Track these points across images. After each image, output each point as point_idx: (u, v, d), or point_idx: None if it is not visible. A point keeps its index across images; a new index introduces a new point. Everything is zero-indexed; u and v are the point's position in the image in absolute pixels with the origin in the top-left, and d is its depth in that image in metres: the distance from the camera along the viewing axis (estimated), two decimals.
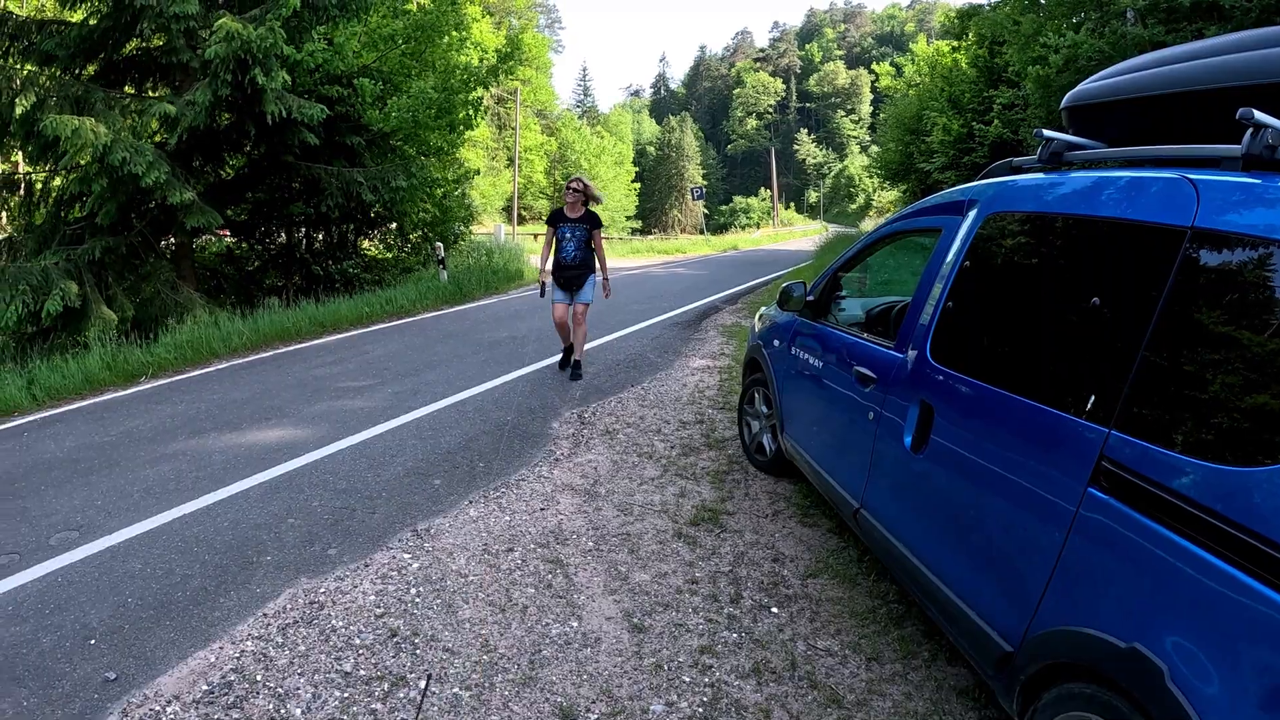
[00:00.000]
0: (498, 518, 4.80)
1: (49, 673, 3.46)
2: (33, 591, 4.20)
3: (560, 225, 7.79)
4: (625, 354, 9.16)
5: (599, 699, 3.10)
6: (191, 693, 3.23)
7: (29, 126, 12.01)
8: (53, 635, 3.75)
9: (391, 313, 13.58)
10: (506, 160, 50.50)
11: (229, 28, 11.56)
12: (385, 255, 18.65)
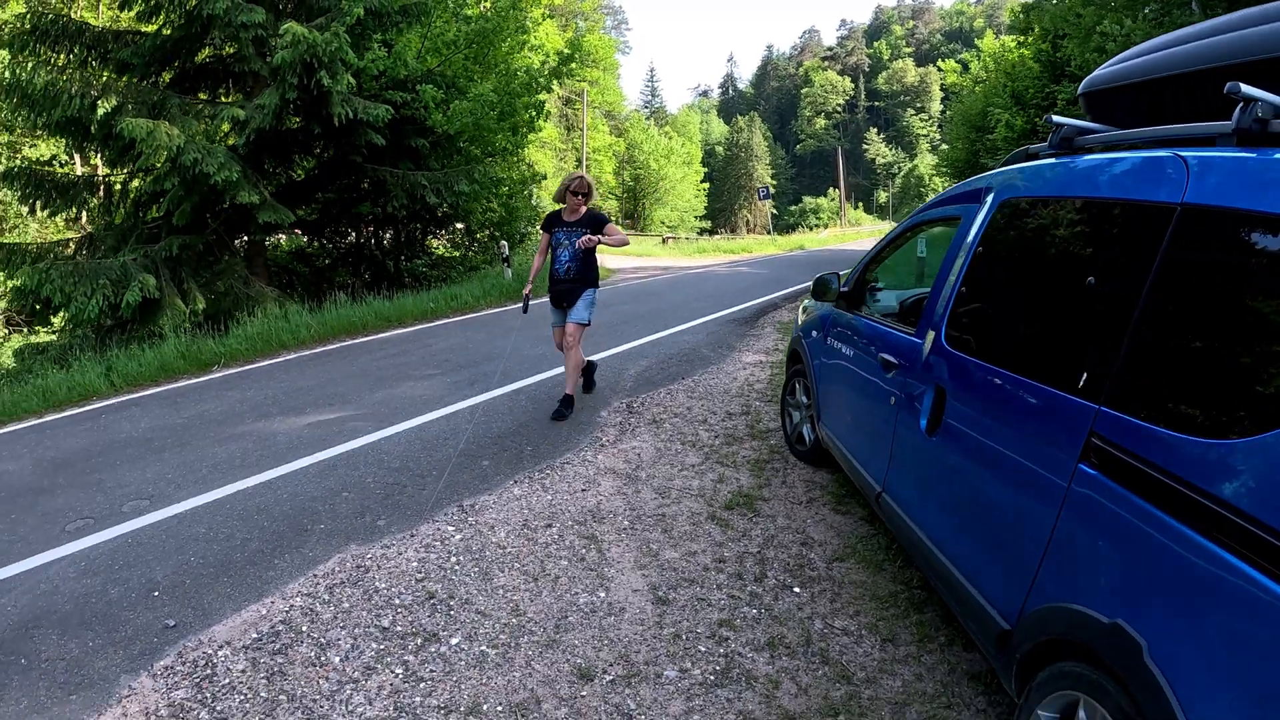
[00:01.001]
0: (540, 496, 4.98)
1: (114, 619, 3.77)
2: (104, 550, 4.53)
3: (555, 231, 6.55)
4: (679, 348, 9.29)
5: (616, 662, 3.25)
6: (242, 640, 3.50)
7: (107, 130, 12.67)
8: (120, 587, 4.07)
9: (456, 308, 13.94)
10: (575, 161, 50.95)
11: (296, 32, 12.08)
12: (452, 254, 19.09)
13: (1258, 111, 1.99)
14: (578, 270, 6.48)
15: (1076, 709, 2.10)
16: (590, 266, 6.57)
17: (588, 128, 48.45)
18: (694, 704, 2.99)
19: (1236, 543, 1.66)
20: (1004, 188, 3.06)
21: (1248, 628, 1.62)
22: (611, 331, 10.48)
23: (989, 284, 3.03)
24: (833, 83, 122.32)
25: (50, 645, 3.62)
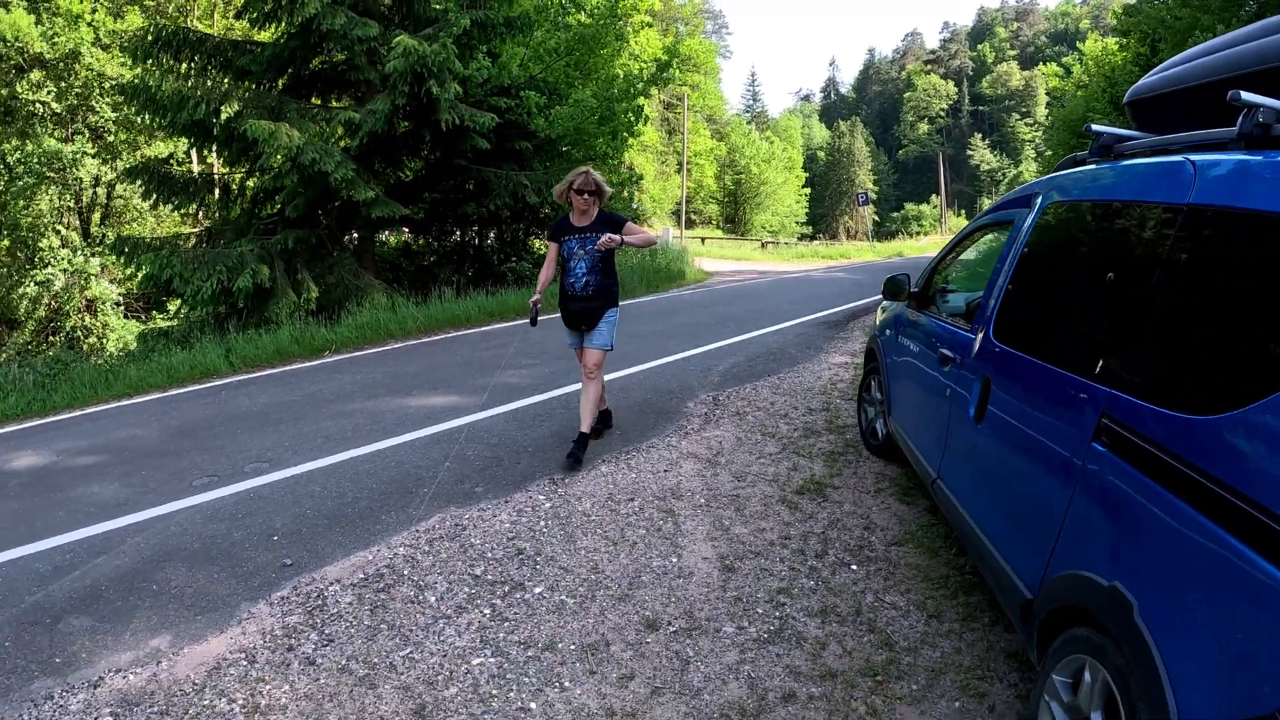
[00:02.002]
0: (625, 474, 5.37)
1: (237, 557, 4.35)
2: (229, 502, 5.15)
3: (565, 239, 5.61)
4: (768, 347, 9.57)
5: (680, 617, 3.61)
6: (350, 579, 4.00)
7: (229, 132, 13.82)
8: (243, 532, 4.66)
9: (555, 306, 14.44)
10: (677, 165, 51.42)
11: (406, 44, 12.86)
12: None
13: (1259, 117, 2.16)
14: (597, 285, 5.55)
15: (1083, 672, 2.24)
16: (612, 279, 5.67)
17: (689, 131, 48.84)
18: (746, 656, 3.32)
19: (1211, 508, 1.83)
20: (1048, 192, 3.30)
21: (1223, 588, 1.77)
22: (704, 330, 10.83)
23: (1031, 282, 3.28)
24: (935, 86, 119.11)
25: (179, 576, 4.22)
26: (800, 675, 3.18)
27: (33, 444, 7.41)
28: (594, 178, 5.51)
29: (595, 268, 5.55)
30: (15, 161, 21.41)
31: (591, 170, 5.53)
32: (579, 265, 5.55)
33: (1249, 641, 1.68)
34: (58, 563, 4.51)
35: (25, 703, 3.24)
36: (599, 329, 5.66)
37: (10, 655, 3.58)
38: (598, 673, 3.23)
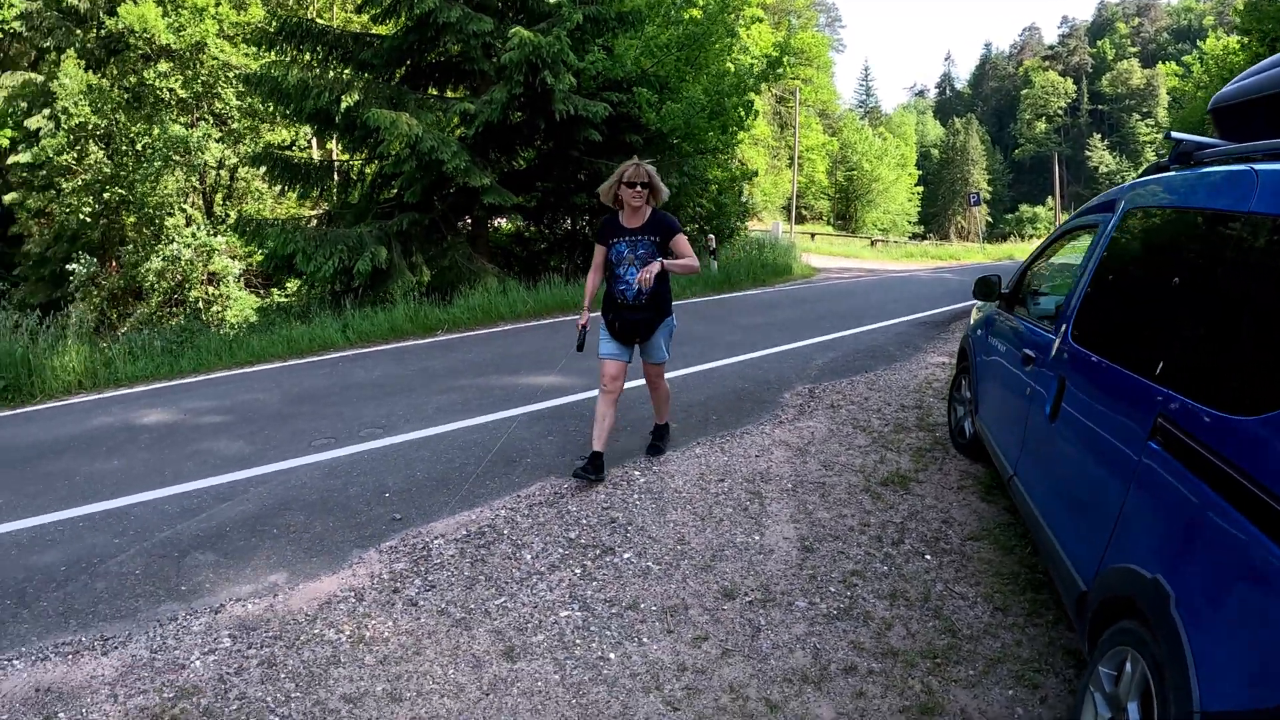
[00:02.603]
0: (717, 457, 5.64)
1: (351, 509, 4.86)
2: (345, 461, 5.66)
3: (614, 242, 5.13)
4: (867, 344, 9.66)
5: (757, 589, 3.87)
6: (454, 534, 4.43)
7: (350, 120, 14.65)
8: (357, 488, 5.16)
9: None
10: (788, 159, 51.00)
11: (522, 36, 13.41)
12: None
13: None
14: (650, 293, 5.05)
15: (1125, 664, 2.29)
16: (664, 285, 5.20)
17: (801, 125, 48.44)
18: (814, 629, 3.56)
19: (1245, 504, 1.91)
20: (1130, 198, 3.41)
21: (1249, 583, 1.84)
22: (805, 325, 10.99)
23: (1107, 286, 3.41)
24: (1053, 84, 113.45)
25: (297, 522, 4.73)
26: (863, 651, 3.40)
27: (161, 403, 8.14)
28: (646, 170, 5.01)
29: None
30: (144, 146, 22.89)
31: (644, 163, 5.07)
32: (629, 271, 5.04)
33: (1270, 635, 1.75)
34: (186, 506, 5.08)
35: (151, 623, 3.74)
36: (655, 342, 5.27)
37: (140, 582, 4.12)
38: (674, 632, 3.52)
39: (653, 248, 5.05)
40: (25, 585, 4.17)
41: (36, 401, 9.20)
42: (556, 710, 3.04)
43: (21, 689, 3.32)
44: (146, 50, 23.57)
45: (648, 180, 4.99)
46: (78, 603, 3.99)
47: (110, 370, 10.15)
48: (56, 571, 4.32)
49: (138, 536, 4.69)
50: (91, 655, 3.54)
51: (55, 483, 5.75)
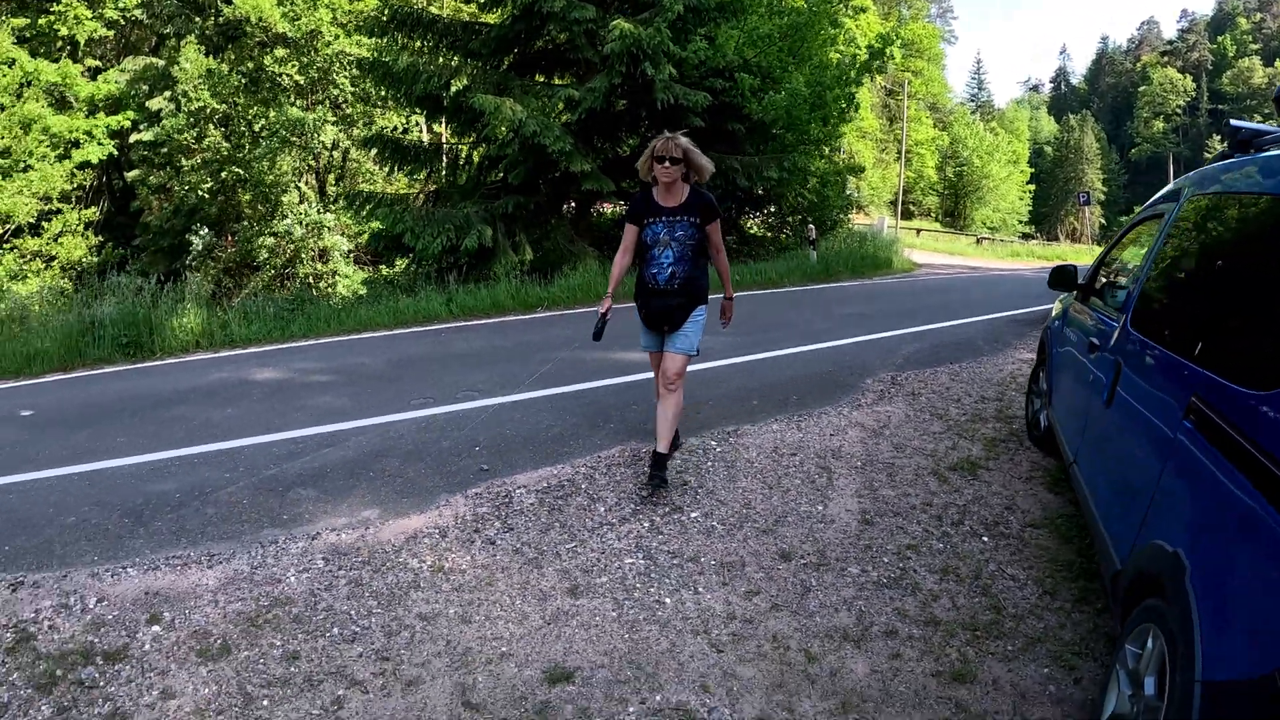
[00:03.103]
0: (793, 433, 5.84)
1: (443, 459, 5.30)
2: (440, 419, 6.13)
3: (649, 222, 4.72)
4: (957, 338, 9.65)
5: (814, 554, 4.09)
6: (535, 486, 4.81)
7: (458, 104, 15.42)
8: (450, 442, 5.60)
9: (758, 283, 15.02)
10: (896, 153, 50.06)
11: (622, 28, 13.84)
12: (764, 234, 20.19)
13: None
14: (685, 277, 4.68)
15: (1147, 639, 2.33)
16: (701, 271, 4.82)
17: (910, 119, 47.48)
18: (863, 594, 3.76)
19: (1252, 472, 1.98)
20: (1191, 187, 3.49)
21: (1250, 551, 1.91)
22: (896, 316, 11.03)
23: (1163, 272, 3.49)
24: (1172, 81, 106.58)
25: (392, 467, 5.19)
26: (906, 617, 3.58)
27: (273, 363, 8.80)
28: (680, 144, 4.56)
29: (685, 256, 4.68)
30: (261, 127, 24.09)
31: (679, 135, 4.64)
32: (665, 255, 4.67)
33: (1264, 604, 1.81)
34: (291, 449, 5.60)
35: (254, 545, 4.20)
36: (684, 330, 4.80)
37: (246, 511, 4.62)
38: (729, 585, 3.78)
39: (692, 230, 4.64)
40: (142, 509, 4.71)
41: (156, 358, 10.05)
42: (609, 643, 3.34)
43: (132, 591, 3.79)
44: (263, 37, 24.80)
45: (681, 155, 4.54)
46: (189, 525, 4.48)
47: (226, 332, 11.02)
48: (171, 498, 4.84)
49: (246, 473, 5.20)
50: (198, 568, 4.00)
51: (173, 426, 6.37)
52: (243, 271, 24.96)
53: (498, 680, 3.12)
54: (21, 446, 6.16)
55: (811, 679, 3.13)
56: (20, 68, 23.25)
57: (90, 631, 3.53)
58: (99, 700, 3.10)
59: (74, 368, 9.74)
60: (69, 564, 4.10)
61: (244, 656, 3.34)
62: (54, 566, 4.07)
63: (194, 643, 3.44)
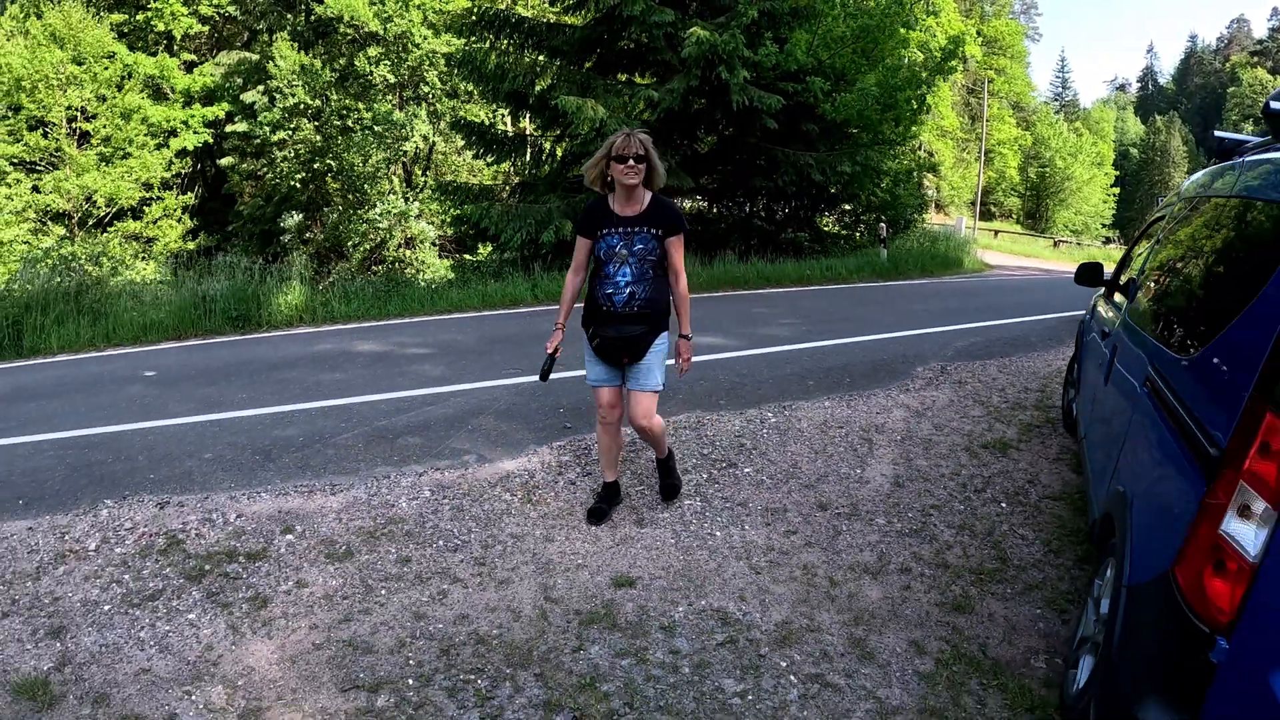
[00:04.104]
0: (842, 410, 6.44)
1: (531, 418, 6.11)
2: (528, 386, 7.02)
3: (604, 233, 4.12)
4: (1011, 334, 10.07)
5: (847, 505, 4.72)
6: None
7: (543, 102, 16.45)
8: (538, 404, 6.44)
9: (829, 278, 15.57)
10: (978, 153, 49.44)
11: (699, 34, 14.62)
12: (837, 231, 20.65)
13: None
14: (645, 299, 4.09)
15: (1107, 570, 2.77)
16: (662, 291, 4.18)
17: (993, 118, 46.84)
18: (885, 539, 4.37)
19: (1174, 422, 2.50)
20: (1185, 190, 4.03)
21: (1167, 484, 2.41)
22: (957, 313, 11.52)
23: (1154, 264, 4.04)
24: (1262, 82, 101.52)
25: (488, 424, 5.99)
26: (921, 559, 4.19)
27: (373, 337, 9.74)
28: (640, 140, 3.95)
29: (645, 274, 4.07)
30: (354, 122, 25.34)
31: (639, 131, 4.05)
32: (621, 271, 4.06)
33: (1169, 519, 2.31)
34: (397, 406, 6.44)
35: (370, 478, 5.02)
36: (646, 365, 4.20)
37: (361, 453, 5.48)
38: (771, 525, 4.44)
39: (653, 243, 4.04)
40: (270, 448, 5.60)
41: (263, 330, 11.15)
42: (666, 561, 4.04)
43: (267, 510, 4.63)
44: (355, 35, 26.08)
45: (643, 153, 3.94)
46: (312, 462, 5.33)
47: (326, 309, 12.08)
48: (295, 441, 5.71)
49: (359, 423, 6.04)
50: (322, 494, 4.83)
51: (288, 386, 7.28)
52: (331, 256, 26.33)
53: (573, 583, 3.85)
54: (152, 400, 7.13)
55: (832, 598, 3.78)
56: (120, 61, 24.85)
57: (232, 539, 4.36)
58: (242, 587, 3.90)
59: (187, 337, 10.86)
60: (209, 489, 4.97)
61: (364, 559, 4.13)
62: (195, 491, 4.95)
63: (322, 548, 4.25)
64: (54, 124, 23.73)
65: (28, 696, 3.10)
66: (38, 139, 23.54)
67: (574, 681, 3.13)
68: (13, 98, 23.25)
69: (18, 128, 23.50)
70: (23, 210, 22.78)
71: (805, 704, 3.02)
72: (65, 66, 23.40)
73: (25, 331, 10.62)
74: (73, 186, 23.57)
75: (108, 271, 18.31)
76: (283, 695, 3.11)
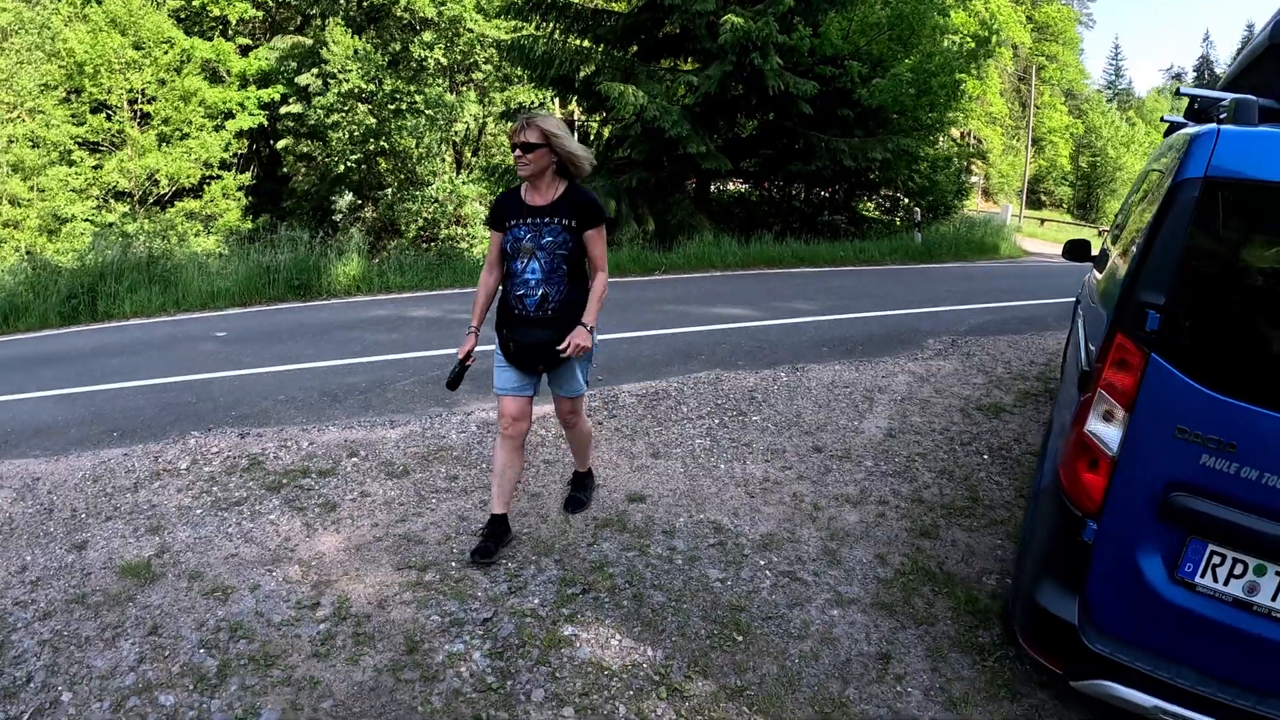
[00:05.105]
0: (850, 373, 7.03)
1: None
2: None
3: (511, 225, 3.73)
4: (1028, 314, 10.50)
5: (840, 449, 5.33)
6: (637, 391, 6.21)
7: (587, 87, 17.19)
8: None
9: (861, 260, 16.06)
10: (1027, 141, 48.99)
11: (733, 22, 15.20)
12: (876, 215, 21.07)
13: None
14: (559, 300, 3.74)
15: None
16: (579, 290, 3.82)
17: (1044, 106, 46.39)
18: (870, 478, 4.97)
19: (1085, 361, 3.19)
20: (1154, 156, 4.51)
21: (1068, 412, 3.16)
22: (980, 294, 11.98)
23: (1114, 237, 4.56)
24: None
25: None
26: (899, 495, 4.78)
27: (426, 305, 10.53)
28: (538, 126, 3.58)
29: (556, 271, 3.71)
30: (407, 105, 26.20)
31: (537, 115, 3.68)
32: (530, 267, 3.69)
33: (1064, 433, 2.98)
34: (449, 361, 6.92)
35: (424, 415, 5.80)
36: (568, 370, 3.92)
37: (416, 397, 6.28)
38: (770, 461, 5.07)
39: (564, 236, 3.67)
40: (336, 392, 6.41)
41: (322, 298, 12.00)
42: (674, 484, 4.71)
43: (334, 439, 5.40)
44: (408, 19, 26.92)
45: (538, 141, 3.57)
46: (373, 403, 6.10)
47: (382, 279, 12.93)
48: (358, 387, 6.48)
49: (415, 373, 6.79)
50: (383, 427, 5.57)
51: (349, 344, 8.06)
52: (383, 234, 27.28)
53: (595, 497, 4.52)
54: (226, 354, 7.97)
55: (813, 519, 4.40)
56: (178, 45, 25.92)
57: (305, 460, 5.11)
58: (315, 496, 4.64)
59: (251, 304, 11.79)
60: (283, 423, 5.74)
61: (418, 476, 4.85)
62: (271, 425, 5.74)
63: (382, 468, 4.98)
64: (116, 107, 24.89)
65: (133, 575, 3.84)
66: (101, 121, 24.71)
67: (586, 566, 3.82)
68: (75, 81, 24.42)
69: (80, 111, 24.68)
70: (85, 189, 23.96)
71: (775, 590, 3.67)
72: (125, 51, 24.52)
73: (100, 298, 11.60)
74: (135, 166, 24.75)
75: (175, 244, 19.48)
76: (348, 572, 3.82)
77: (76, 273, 12.27)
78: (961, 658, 3.28)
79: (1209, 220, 2.49)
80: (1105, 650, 2.61)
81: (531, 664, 3.16)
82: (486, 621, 3.41)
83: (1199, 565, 2.48)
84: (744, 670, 3.14)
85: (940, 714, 2.96)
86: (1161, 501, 2.49)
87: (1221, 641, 2.49)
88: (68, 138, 24.09)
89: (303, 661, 3.18)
